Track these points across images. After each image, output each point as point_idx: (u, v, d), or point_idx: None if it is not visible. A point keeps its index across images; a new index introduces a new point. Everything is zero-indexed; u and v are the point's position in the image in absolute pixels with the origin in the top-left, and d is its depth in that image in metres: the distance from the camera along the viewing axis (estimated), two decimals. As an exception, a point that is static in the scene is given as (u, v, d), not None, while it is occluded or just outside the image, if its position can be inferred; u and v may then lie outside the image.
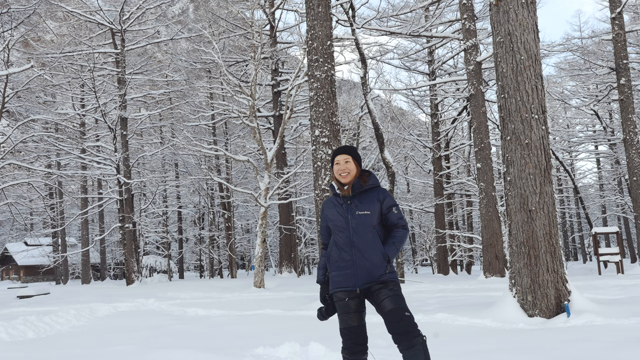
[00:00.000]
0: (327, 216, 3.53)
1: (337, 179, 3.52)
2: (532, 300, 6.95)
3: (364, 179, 3.54)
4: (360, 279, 3.34)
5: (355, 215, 3.41)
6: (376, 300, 3.34)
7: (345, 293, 3.38)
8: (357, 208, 3.43)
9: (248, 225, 45.12)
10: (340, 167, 3.50)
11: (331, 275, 3.46)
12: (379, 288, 3.33)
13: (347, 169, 3.49)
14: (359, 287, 3.35)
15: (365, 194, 3.48)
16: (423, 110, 31.01)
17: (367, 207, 3.44)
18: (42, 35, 30.81)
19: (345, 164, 3.50)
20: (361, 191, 3.48)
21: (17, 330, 7.74)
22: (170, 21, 32.97)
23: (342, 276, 3.38)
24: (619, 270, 17.24)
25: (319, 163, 10.79)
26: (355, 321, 3.38)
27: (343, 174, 3.49)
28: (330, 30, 11.36)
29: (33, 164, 27.88)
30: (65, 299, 14.12)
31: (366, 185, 3.50)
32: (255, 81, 17.96)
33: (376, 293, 3.34)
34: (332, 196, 3.60)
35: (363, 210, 3.42)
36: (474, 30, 17.24)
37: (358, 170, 3.54)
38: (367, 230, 3.39)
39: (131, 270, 23.70)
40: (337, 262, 3.42)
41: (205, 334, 6.98)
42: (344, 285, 3.37)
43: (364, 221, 3.40)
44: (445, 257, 27.56)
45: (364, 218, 3.40)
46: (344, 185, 3.51)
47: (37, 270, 43.26)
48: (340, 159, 3.53)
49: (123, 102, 24.54)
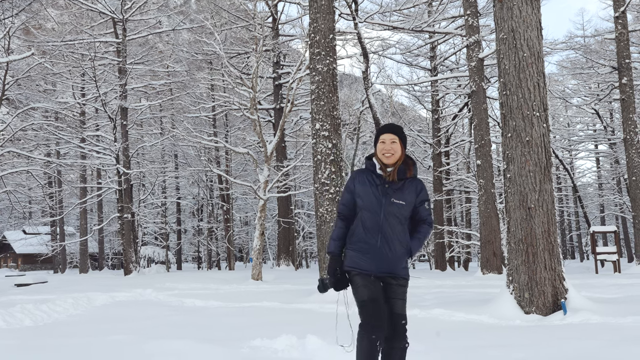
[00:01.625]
0: (358, 192, 3.31)
1: (380, 159, 3.31)
2: (529, 298, 6.97)
3: (410, 168, 3.34)
4: (379, 267, 3.23)
5: (390, 201, 3.24)
6: (388, 295, 3.25)
7: (363, 274, 3.25)
8: (395, 195, 3.25)
9: (247, 217, 45.14)
10: (385, 147, 3.28)
11: (349, 253, 3.31)
12: (395, 284, 3.26)
13: (392, 149, 3.28)
14: (375, 274, 3.23)
15: (405, 182, 3.30)
16: (424, 106, 30.98)
17: (404, 196, 3.27)
18: (43, 23, 30.68)
19: (391, 144, 3.29)
20: (402, 178, 3.30)
21: (14, 318, 7.75)
22: (172, 11, 32.87)
23: (361, 259, 3.25)
24: (616, 270, 17.29)
25: (319, 157, 10.78)
26: (377, 293, 3.21)
27: (387, 154, 3.28)
28: (332, 23, 11.32)
29: (32, 152, 27.86)
30: (63, 288, 14.13)
31: (411, 175, 3.32)
32: (256, 73, 17.91)
33: (391, 288, 3.26)
34: (367, 171, 3.35)
35: (400, 199, 3.25)
36: (476, 27, 17.19)
37: (403, 153, 3.33)
38: (398, 220, 3.25)
39: (129, 260, 23.72)
40: (360, 243, 3.27)
41: (203, 325, 6.99)
42: (360, 267, 3.24)
43: (398, 211, 3.25)
44: (443, 253, 27.60)
45: (398, 207, 3.25)
46: (386, 166, 3.30)
47: (35, 258, 43.31)
48: (386, 137, 3.30)
49: (123, 92, 24.47)
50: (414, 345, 5.01)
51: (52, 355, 5.02)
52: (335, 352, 4.48)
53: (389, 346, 3.24)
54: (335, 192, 10.64)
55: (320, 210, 10.65)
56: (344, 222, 3.38)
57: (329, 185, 10.65)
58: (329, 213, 10.53)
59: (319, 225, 10.69)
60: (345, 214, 3.38)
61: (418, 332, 5.78)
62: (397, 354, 3.26)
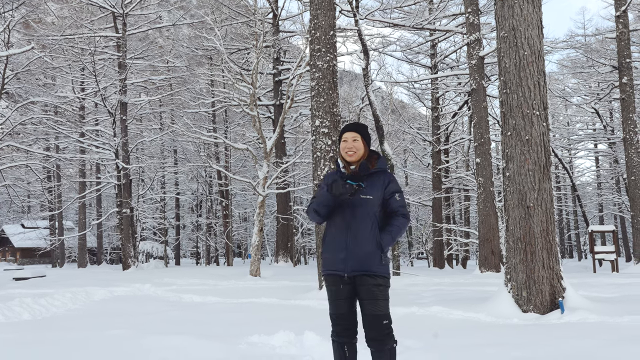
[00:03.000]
0: None
1: (343, 157, 3.34)
2: (526, 296, 6.98)
3: (372, 162, 3.36)
4: (351, 266, 3.21)
5: (357, 197, 3.23)
6: (363, 296, 3.23)
7: (335, 278, 3.27)
8: (361, 191, 3.24)
9: (245, 213, 45.17)
10: (347, 145, 3.31)
11: (324, 256, 3.34)
12: (368, 284, 3.20)
13: (354, 147, 3.30)
14: (348, 274, 3.22)
15: (371, 178, 3.29)
16: (424, 103, 30.95)
17: (370, 191, 3.26)
18: (43, 17, 30.57)
19: (353, 142, 3.31)
20: (367, 174, 3.29)
21: (12, 311, 7.76)
22: (172, 6, 32.73)
23: (333, 259, 3.26)
24: (614, 269, 17.32)
25: (319, 153, 10.78)
26: (344, 308, 3.28)
27: (349, 152, 3.30)
28: (333, 20, 11.30)
29: (31, 146, 27.79)
30: (62, 282, 14.13)
31: (374, 168, 3.33)
32: (256, 69, 17.88)
33: (364, 289, 3.21)
34: (336, 171, 3.39)
35: (366, 194, 3.24)
36: (477, 25, 17.17)
37: (366, 150, 3.35)
38: (366, 216, 3.23)
39: (128, 255, 23.72)
40: (331, 243, 3.30)
41: (201, 321, 7.00)
42: (334, 268, 3.26)
43: (365, 206, 3.24)
44: (442, 250, 27.63)
45: (365, 202, 3.24)
46: (349, 165, 3.33)
47: (33, 252, 43.36)
48: (348, 136, 3.33)
49: (123, 87, 24.43)
50: (412, 342, 5.03)
51: (51, 349, 5.02)
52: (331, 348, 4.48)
53: (376, 349, 3.23)
54: (334, 189, 10.63)
55: (319, 207, 10.63)
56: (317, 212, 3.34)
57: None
58: (328, 210, 10.51)
59: (318, 222, 10.68)
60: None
61: (416, 329, 5.80)
62: (387, 356, 3.22)
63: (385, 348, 3.21)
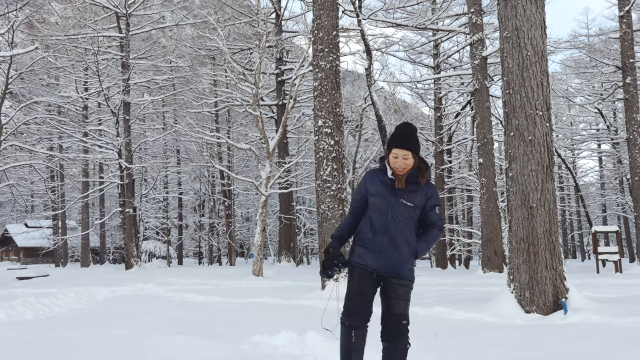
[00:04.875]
0: (370, 190, 3.33)
1: (392, 168, 3.28)
2: (529, 297, 6.97)
3: (422, 173, 3.30)
4: (383, 266, 3.27)
5: (399, 202, 3.24)
6: (388, 294, 3.29)
7: (364, 271, 3.30)
8: (404, 196, 3.24)
9: (248, 213, 45.17)
10: (397, 162, 3.24)
11: (357, 249, 3.35)
12: (397, 284, 3.28)
13: (405, 164, 3.24)
14: (378, 272, 3.28)
15: (417, 186, 3.30)
16: (427, 103, 30.93)
17: (414, 199, 3.26)
18: (47, 17, 30.64)
19: (403, 160, 3.23)
20: (414, 182, 3.29)
21: (15, 311, 7.77)
22: (175, 6, 32.82)
23: (367, 256, 3.29)
24: (617, 270, 17.27)
25: (321, 153, 10.78)
26: (363, 294, 3.29)
27: (399, 169, 3.25)
28: (336, 20, 11.29)
29: (35, 146, 27.88)
30: (65, 282, 14.17)
31: (424, 182, 3.30)
32: (259, 69, 17.89)
33: (392, 288, 3.29)
34: (379, 171, 3.37)
35: (409, 201, 3.25)
36: (480, 25, 17.14)
37: (416, 161, 3.29)
38: (406, 222, 3.25)
39: (130, 254, 23.76)
40: (366, 241, 3.30)
41: (203, 321, 7.01)
42: (364, 263, 3.29)
43: (407, 212, 3.25)
44: (444, 251, 27.60)
45: (407, 209, 3.24)
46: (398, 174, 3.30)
47: (36, 252, 43.41)
48: (399, 153, 3.23)
49: (126, 87, 24.47)
50: (414, 342, 5.02)
51: (53, 348, 5.04)
52: (335, 348, 4.47)
53: (390, 346, 3.30)
54: (336, 189, 10.64)
55: (321, 207, 10.65)
56: (354, 218, 3.42)
57: (330, 182, 10.65)
58: (331, 210, 10.53)
59: (321, 222, 10.69)
60: (358, 212, 3.42)
61: (418, 329, 5.79)
62: (398, 355, 3.30)
63: (399, 346, 3.29)
